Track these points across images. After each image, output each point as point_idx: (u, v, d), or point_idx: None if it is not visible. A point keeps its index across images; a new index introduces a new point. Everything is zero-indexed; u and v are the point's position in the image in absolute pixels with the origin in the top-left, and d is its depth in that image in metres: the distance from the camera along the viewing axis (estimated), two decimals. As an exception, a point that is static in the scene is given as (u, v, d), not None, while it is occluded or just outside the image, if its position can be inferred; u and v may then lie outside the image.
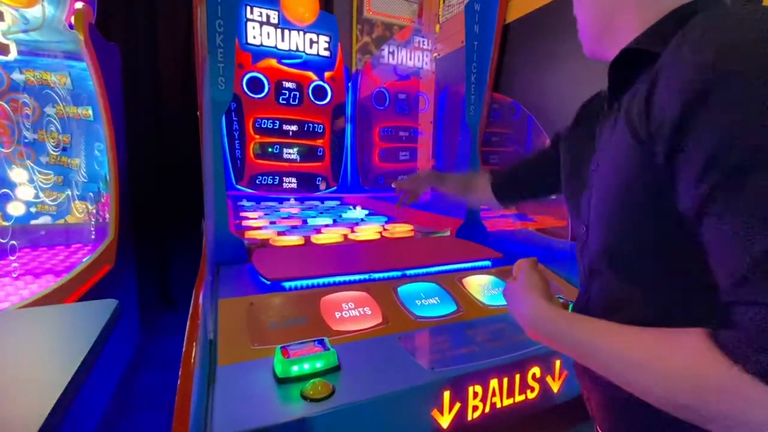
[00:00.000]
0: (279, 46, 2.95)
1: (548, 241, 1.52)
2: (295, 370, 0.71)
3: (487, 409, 0.78)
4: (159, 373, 2.02)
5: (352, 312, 0.99)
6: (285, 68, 3.02)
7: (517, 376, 0.81)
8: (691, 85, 0.32)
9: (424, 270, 1.28)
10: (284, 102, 3.04)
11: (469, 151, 1.83)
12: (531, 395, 0.83)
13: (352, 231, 1.90)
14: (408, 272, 1.25)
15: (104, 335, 0.60)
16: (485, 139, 1.99)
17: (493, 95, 1.89)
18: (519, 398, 0.82)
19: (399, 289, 1.12)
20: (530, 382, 0.83)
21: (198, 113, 1.16)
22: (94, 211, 2.04)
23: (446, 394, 0.73)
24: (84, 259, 1.71)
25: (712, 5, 0.40)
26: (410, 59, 3.13)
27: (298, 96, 3.08)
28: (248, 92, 2.91)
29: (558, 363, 0.87)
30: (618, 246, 0.44)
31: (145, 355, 2.19)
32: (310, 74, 3.11)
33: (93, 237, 2.03)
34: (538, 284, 0.50)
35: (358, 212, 2.60)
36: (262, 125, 3.01)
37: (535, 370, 0.83)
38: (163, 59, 2.71)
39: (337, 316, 0.96)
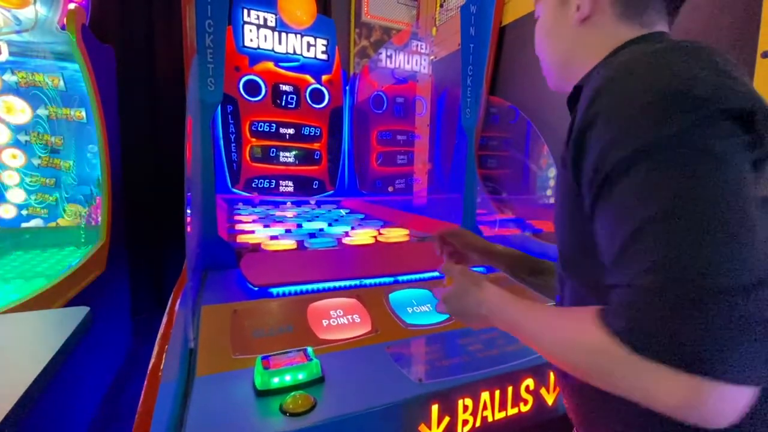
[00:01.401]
0: (276, 49, 2.94)
1: (544, 247, 1.50)
2: (276, 381, 0.68)
3: (477, 423, 0.75)
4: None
5: (340, 320, 0.96)
6: (282, 71, 3.00)
7: (510, 389, 0.78)
8: (587, 108, 0.39)
9: (417, 276, 1.25)
10: (281, 105, 3.02)
11: (465, 154, 1.80)
12: (524, 408, 0.80)
13: (347, 235, 1.87)
14: (400, 278, 1.22)
15: (71, 343, 0.57)
16: (482, 142, 1.97)
17: (489, 98, 1.87)
18: (512, 411, 0.78)
19: (390, 295, 1.09)
20: (523, 394, 0.80)
21: (188, 116, 1.13)
22: (86, 214, 2.01)
23: (434, 408, 0.70)
24: (74, 263, 1.68)
25: (649, 39, 0.46)
26: (408, 63, 3.12)
27: (295, 99, 3.06)
28: (245, 95, 2.90)
29: (553, 374, 0.83)
30: (567, 252, 0.49)
31: (137, 362, 2.15)
32: (308, 77, 3.09)
33: (84, 240, 2.00)
34: (477, 277, 0.56)
35: (354, 216, 2.57)
36: (259, 128, 2.99)
37: (529, 382, 0.80)
38: (158, 61, 2.69)
39: (325, 324, 0.93)
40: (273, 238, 1.77)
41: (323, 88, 3.14)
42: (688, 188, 0.31)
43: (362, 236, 1.85)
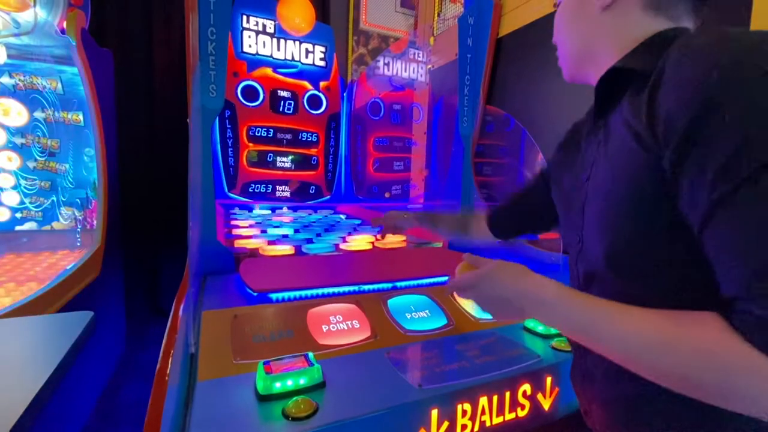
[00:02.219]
0: (275, 56, 2.96)
1: (540, 254, 1.52)
2: (278, 386, 0.69)
3: (476, 428, 0.76)
4: (145, 385, 1.96)
5: (339, 325, 0.97)
6: (280, 77, 3.02)
7: (507, 394, 0.79)
8: (702, 94, 0.33)
9: (416, 282, 1.26)
10: (279, 111, 3.04)
11: (461, 162, 1.83)
12: (521, 413, 0.81)
13: (344, 241, 1.88)
14: (399, 284, 1.23)
15: (76, 348, 0.57)
16: (478, 150, 2.00)
17: (486, 107, 1.90)
18: (509, 416, 0.80)
19: (389, 301, 1.10)
20: (521, 399, 0.81)
21: (188, 120, 1.14)
22: (81, 217, 2.00)
23: (434, 413, 0.71)
24: (69, 267, 1.67)
25: (684, 32, 0.44)
26: (405, 70, 3.16)
27: (292, 105, 3.08)
28: (243, 100, 2.91)
29: (549, 380, 0.85)
30: (621, 249, 0.44)
31: (131, 367, 2.13)
32: (306, 83, 3.11)
33: (78, 244, 1.98)
34: (517, 266, 0.52)
35: (351, 222, 2.58)
36: (256, 133, 3.00)
37: (526, 387, 0.81)
38: (157, 66, 2.70)
39: (324, 330, 0.94)
40: (271, 243, 1.78)
41: (321, 95, 3.16)
42: None
43: (359, 242, 1.86)
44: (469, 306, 1.15)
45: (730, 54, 0.33)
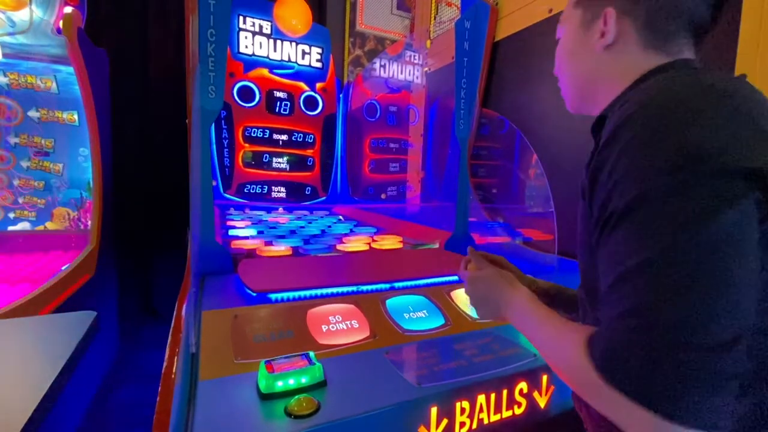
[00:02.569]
0: (271, 56, 2.97)
1: (535, 255, 1.54)
2: (280, 385, 0.70)
3: (474, 425, 0.77)
4: (138, 387, 1.95)
5: (339, 325, 0.98)
6: (276, 78, 3.03)
7: (505, 392, 0.81)
8: (601, 150, 0.40)
9: (413, 282, 1.27)
10: (275, 111, 3.04)
11: (458, 163, 1.85)
12: (518, 411, 0.83)
13: (341, 242, 1.89)
14: (396, 285, 1.24)
15: (81, 348, 0.58)
16: (474, 152, 2.02)
17: (482, 110, 1.93)
18: (506, 414, 0.81)
19: (387, 301, 1.11)
20: (517, 397, 0.83)
21: (186, 121, 1.14)
22: (76, 217, 1.98)
23: (433, 410, 0.72)
24: (63, 268, 1.66)
25: (672, 67, 0.47)
26: (401, 73, 3.18)
27: (289, 106, 3.09)
28: (239, 101, 2.91)
29: (545, 378, 0.87)
30: (589, 281, 0.50)
31: (125, 369, 2.11)
32: (302, 84, 3.12)
33: (74, 244, 1.97)
34: (508, 275, 0.60)
35: (347, 223, 2.59)
36: (252, 134, 3.00)
37: (522, 386, 0.83)
38: (153, 66, 2.69)
39: (324, 330, 0.95)
40: (267, 243, 1.78)
41: (317, 96, 3.17)
42: (680, 240, 0.32)
43: (356, 243, 1.87)
44: (466, 306, 1.17)
45: (633, 112, 0.38)
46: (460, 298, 1.21)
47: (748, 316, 0.31)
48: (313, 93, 3.15)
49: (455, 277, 1.35)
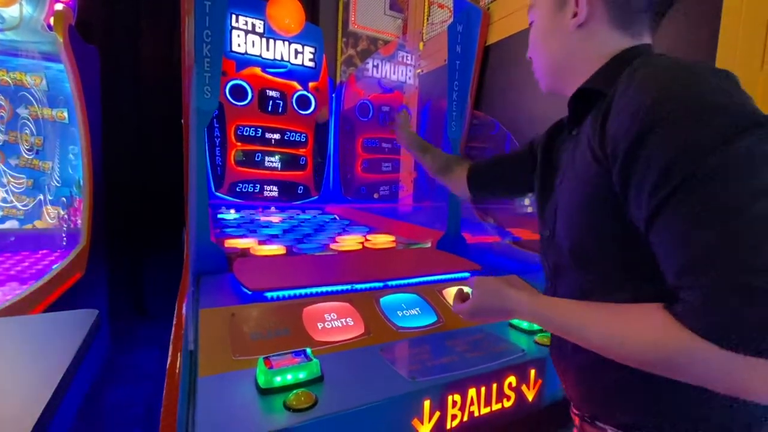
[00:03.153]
0: (264, 55, 2.96)
1: (525, 255, 1.58)
2: (278, 380, 0.72)
3: (465, 418, 0.81)
4: (130, 387, 1.94)
5: (334, 323, 1.00)
6: (269, 77, 3.03)
7: (494, 386, 0.84)
8: (638, 121, 0.40)
9: (406, 281, 1.30)
10: (267, 110, 3.04)
11: (450, 165, 1.88)
12: (507, 404, 0.87)
13: (334, 241, 1.91)
14: (390, 283, 1.27)
15: (85, 347, 0.59)
16: (466, 153, 2.06)
17: (473, 112, 1.96)
18: (496, 407, 0.85)
19: (381, 299, 1.14)
20: (506, 391, 0.86)
21: (182, 121, 1.15)
22: (65, 216, 1.97)
23: (426, 404, 0.75)
24: (53, 267, 1.65)
25: (644, 51, 0.51)
26: (394, 73, 3.20)
27: (281, 105, 3.09)
28: (231, 99, 2.90)
29: (533, 372, 0.90)
30: (582, 245, 0.51)
31: (116, 368, 2.10)
32: (295, 84, 3.13)
33: (64, 243, 1.95)
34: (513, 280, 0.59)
35: (340, 222, 2.61)
36: (244, 133, 3.00)
37: (511, 380, 0.87)
38: (145, 64, 2.67)
39: (320, 327, 0.97)
40: (261, 242, 1.79)
41: (310, 95, 3.18)
42: (759, 198, 0.34)
43: (349, 242, 1.89)
44: (457, 304, 1.20)
45: (661, 88, 0.40)
46: (452, 295, 1.24)
47: None
48: (305, 92, 3.16)
49: (447, 276, 1.39)
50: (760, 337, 0.33)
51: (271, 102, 3.06)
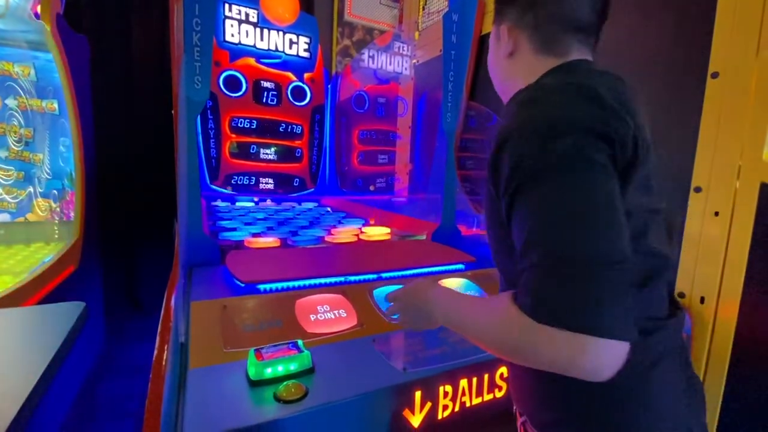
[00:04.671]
0: (258, 45, 2.92)
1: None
2: (269, 372, 0.72)
3: (456, 408, 0.81)
4: (124, 380, 1.94)
5: (327, 314, 1.00)
6: (263, 68, 2.98)
7: (486, 376, 0.84)
8: (495, 143, 0.48)
9: (400, 273, 1.30)
10: (262, 102, 3.01)
11: (445, 156, 1.87)
12: (498, 394, 0.87)
13: (329, 233, 1.91)
14: (384, 275, 1.27)
15: (70, 340, 0.58)
16: (462, 144, 2.05)
17: (469, 103, 1.95)
18: (487, 397, 0.85)
19: (374, 291, 1.14)
20: (498, 381, 0.86)
21: (172, 112, 1.13)
22: (58, 209, 1.94)
23: (418, 394, 0.75)
24: (46, 259, 1.63)
25: (565, 66, 0.56)
26: (390, 64, 3.17)
27: (276, 96, 3.05)
28: (225, 91, 2.86)
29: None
30: (494, 252, 0.59)
31: (110, 362, 2.10)
32: (289, 74, 3.09)
33: (56, 236, 1.93)
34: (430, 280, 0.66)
35: (336, 214, 2.60)
36: (239, 124, 2.97)
37: (503, 370, 0.87)
38: (135, 53, 2.62)
39: (312, 319, 0.97)
40: (255, 235, 1.78)
41: (305, 86, 3.14)
42: (572, 193, 0.41)
43: (345, 234, 1.89)
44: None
45: (512, 114, 0.48)
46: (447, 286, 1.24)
47: (626, 243, 0.41)
48: (300, 83, 3.12)
49: (441, 267, 1.39)
50: (556, 306, 0.39)
51: (265, 93, 3.03)
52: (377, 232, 1.94)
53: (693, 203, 1.03)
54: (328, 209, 2.84)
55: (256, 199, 2.99)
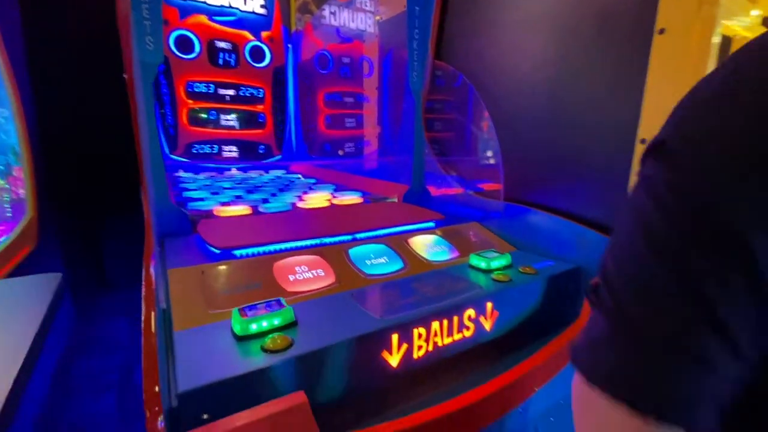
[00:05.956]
0: (209, 1, 2.71)
1: (484, 203, 1.67)
2: (254, 327, 0.76)
3: (430, 348, 0.89)
4: (98, 358, 1.93)
5: (305, 274, 1.04)
6: (217, 26, 2.79)
7: (455, 318, 0.93)
8: None
9: (374, 233, 1.35)
10: (219, 64, 2.83)
11: (413, 118, 1.89)
12: (467, 333, 0.96)
13: (300, 200, 1.91)
14: (358, 236, 1.31)
15: (53, 310, 0.58)
16: (429, 106, 2.06)
17: (434, 62, 1.94)
18: (457, 336, 0.94)
19: (350, 251, 1.18)
20: (466, 322, 0.95)
21: (125, 76, 1.07)
22: (6, 186, 1.81)
23: (394, 337, 0.83)
24: (1, 240, 1.54)
25: None
26: (353, 21, 3.05)
27: (233, 57, 2.89)
28: (177, 52, 2.67)
29: (490, 305, 1.00)
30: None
31: (82, 340, 2.07)
32: (246, 33, 2.91)
33: (9, 215, 1.82)
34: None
35: (306, 181, 2.58)
36: (195, 89, 2.80)
37: (471, 312, 0.96)
38: (74, 9, 2.35)
39: (291, 279, 1.01)
40: (224, 204, 1.76)
41: (264, 46, 2.98)
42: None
43: (316, 200, 1.90)
44: (422, 251, 1.27)
45: None
46: (417, 244, 1.31)
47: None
48: (258, 43, 2.95)
49: (413, 226, 1.45)
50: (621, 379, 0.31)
51: (222, 54, 2.85)
52: (349, 197, 1.96)
53: (639, 155, 1.13)
54: (299, 176, 2.81)
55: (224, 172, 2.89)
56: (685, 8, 1.01)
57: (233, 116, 3.00)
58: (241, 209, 1.66)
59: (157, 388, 0.49)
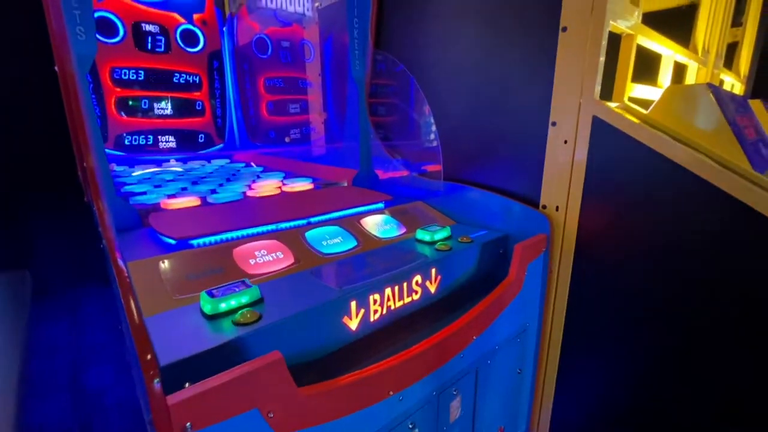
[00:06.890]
0: (130, -20, 2.51)
1: (427, 183, 1.82)
2: (223, 306, 0.82)
3: (384, 312, 1.02)
4: (45, 360, 1.83)
5: (265, 258, 1.11)
6: (141, 6, 2.61)
7: (405, 284, 1.06)
8: None
9: (327, 216, 1.43)
10: (147, 48, 2.66)
11: (357, 104, 1.97)
12: (416, 297, 1.11)
13: (250, 188, 1.92)
14: (312, 220, 1.39)
15: (26, 310, 0.60)
16: (372, 90, 2.15)
17: (375, 50, 2.02)
18: (407, 300, 1.08)
19: (306, 234, 1.26)
20: (414, 287, 1.09)
21: (56, 69, 1.03)
22: None
23: (353, 304, 0.94)
24: None
25: None
26: (290, 4, 3.00)
27: (163, 41, 2.72)
28: (98, 36, 2.46)
29: (434, 271, 1.15)
30: None
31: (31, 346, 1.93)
32: (176, 15, 2.75)
33: None
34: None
35: (252, 169, 2.57)
36: (123, 76, 2.62)
37: (418, 278, 1.10)
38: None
39: (252, 263, 1.07)
40: (171, 197, 1.73)
41: (196, 29, 2.84)
42: None
43: (267, 188, 1.92)
44: (373, 229, 1.39)
45: None
46: (369, 223, 1.43)
47: None
48: (190, 26, 2.81)
49: (364, 207, 1.55)
50: None
51: (149, 38, 2.68)
52: (300, 184, 2.01)
53: (551, 135, 1.33)
54: (247, 165, 2.77)
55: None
56: (580, 9, 1.19)
57: (167, 104, 2.85)
58: (190, 200, 1.65)
59: (149, 356, 0.55)
